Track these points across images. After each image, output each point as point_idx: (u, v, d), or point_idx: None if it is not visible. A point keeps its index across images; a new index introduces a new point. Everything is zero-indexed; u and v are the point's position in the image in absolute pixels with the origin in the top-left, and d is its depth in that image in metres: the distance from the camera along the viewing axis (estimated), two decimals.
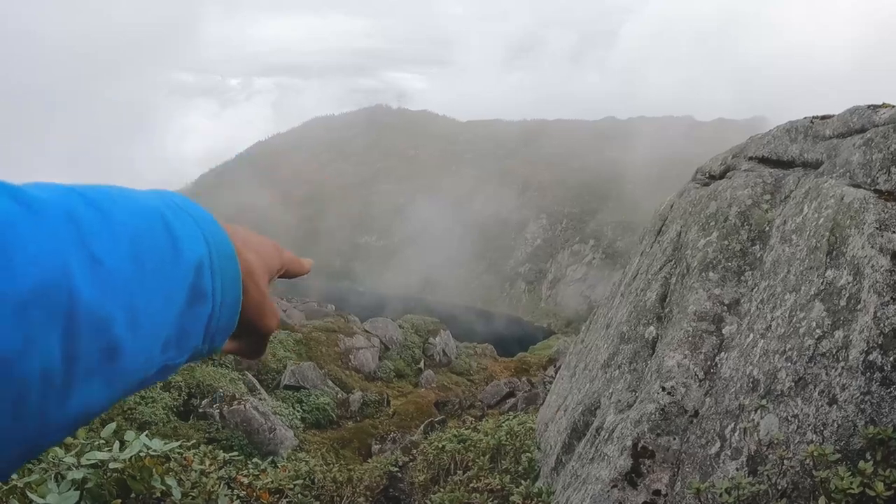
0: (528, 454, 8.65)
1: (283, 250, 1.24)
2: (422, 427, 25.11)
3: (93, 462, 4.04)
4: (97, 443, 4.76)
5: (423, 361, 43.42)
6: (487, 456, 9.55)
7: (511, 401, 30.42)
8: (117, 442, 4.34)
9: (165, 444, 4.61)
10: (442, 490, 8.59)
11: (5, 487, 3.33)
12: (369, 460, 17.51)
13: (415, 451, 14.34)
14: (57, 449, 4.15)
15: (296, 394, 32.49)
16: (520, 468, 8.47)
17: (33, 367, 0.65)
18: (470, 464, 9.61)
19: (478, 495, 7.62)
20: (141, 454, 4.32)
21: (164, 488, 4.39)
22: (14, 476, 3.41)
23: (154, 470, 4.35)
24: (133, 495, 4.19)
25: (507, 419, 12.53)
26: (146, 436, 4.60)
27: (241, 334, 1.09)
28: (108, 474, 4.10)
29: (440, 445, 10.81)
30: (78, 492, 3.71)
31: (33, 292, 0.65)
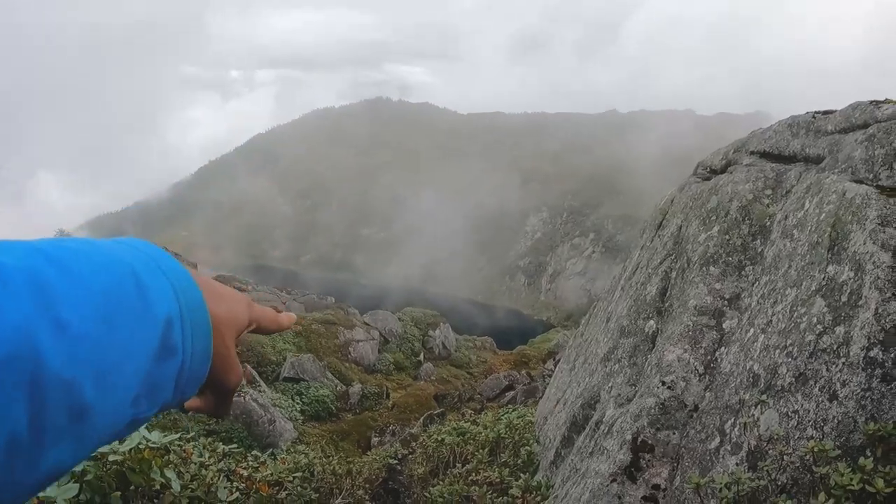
0: (527, 447, 8.66)
1: (254, 305, 1.23)
2: (421, 420, 25.11)
3: (92, 454, 4.03)
4: None
5: (422, 354, 43.44)
6: (486, 449, 9.55)
7: (510, 394, 30.40)
8: None
9: (165, 436, 4.61)
10: (441, 483, 8.59)
11: None
12: (368, 453, 17.52)
13: (414, 443, 14.35)
14: None
15: (295, 386, 32.49)
16: (519, 461, 8.47)
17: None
18: (469, 457, 9.62)
19: (477, 488, 7.62)
20: (140, 446, 4.32)
21: (163, 481, 4.39)
22: None
23: (153, 462, 4.35)
24: (132, 488, 4.19)
25: (507, 412, 12.54)
26: (146, 428, 4.59)
27: (205, 389, 1.10)
28: (108, 466, 4.10)
29: (439, 438, 10.81)
30: (77, 484, 3.71)
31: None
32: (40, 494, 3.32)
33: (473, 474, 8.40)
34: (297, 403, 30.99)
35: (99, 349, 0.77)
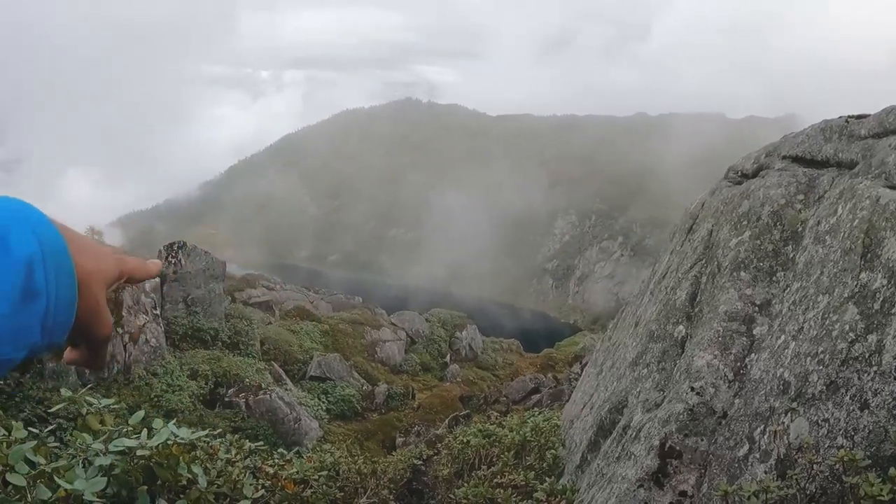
0: (552, 451, 8.64)
1: (125, 258, 1.25)
2: (447, 421, 25.15)
3: (120, 449, 4.06)
4: (125, 430, 4.79)
5: (448, 355, 43.50)
6: (512, 452, 9.54)
7: (536, 397, 30.40)
8: (145, 430, 4.36)
9: (192, 432, 4.63)
10: (466, 484, 8.58)
11: (33, 472, 3.35)
12: (393, 453, 17.53)
13: (439, 444, 14.34)
14: (85, 435, 4.19)
15: (321, 385, 32.62)
16: (544, 465, 8.46)
17: None
18: (494, 459, 9.60)
19: (502, 491, 7.61)
20: (168, 442, 4.34)
21: (190, 476, 4.42)
22: (42, 461, 3.44)
23: (181, 458, 4.38)
24: (159, 482, 4.22)
25: (533, 415, 12.50)
26: (174, 424, 4.62)
27: (78, 341, 1.13)
28: (136, 461, 4.13)
29: (465, 440, 10.80)
30: (105, 478, 3.74)
31: None
32: (68, 487, 3.34)
33: (499, 477, 8.39)
34: (323, 402, 31.12)
35: None
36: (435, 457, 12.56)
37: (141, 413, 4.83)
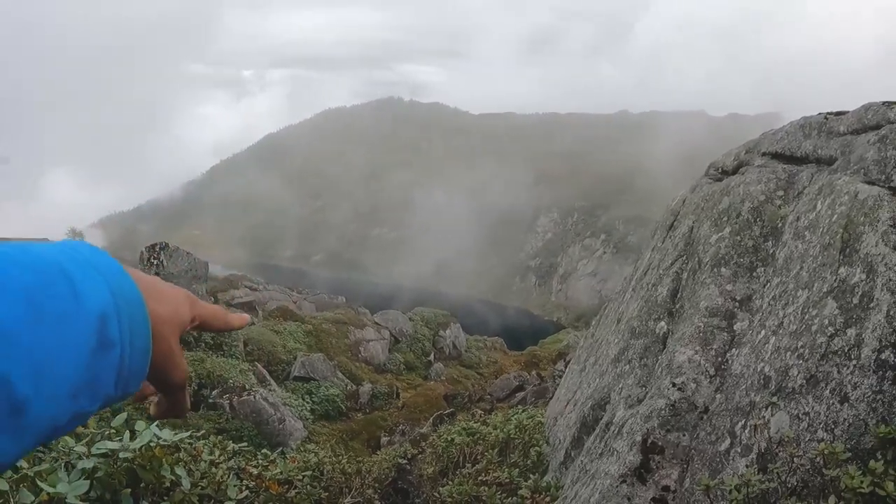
0: (536, 448, 8.66)
1: (199, 302, 1.21)
2: (431, 419, 25.13)
3: (103, 451, 4.04)
4: (108, 432, 4.78)
5: (433, 354, 43.46)
6: (496, 449, 9.55)
7: (520, 394, 30.40)
8: (128, 432, 4.35)
9: (175, 434, 4.62)
10: (451, 483, 8.59)
11: (16, 476, 3.34)
12: (378, 452, 17.53)
13: (424, 443, 14.34)
14: (67, 438, 4.17)
15: (305, 385, 32.54)
16: (528, 462, 8.47)
17: None
18: (479, 457, 9.61)
19: (486, 488, 7.62)
20: (151, 444, 4.33)
21: (173, 478, 4.40)
22: (24, 464, 3.43)
23: (164, 460, 4.37)
24: (143, 485, 4.21)
25: (516, 413, 12.51)
26: (156, 426, 4.61)
27: (158, 387, 1.13)
28: (119, 464, 4.12)
29: (449, 438, 10.81)
30: (88, 481, 3.73)
31: None
32: (50, 491, 3.33)
33: (483, 474, 8.39)
34: (308, 403, 31.03)
35: (30, 345, 0.78)
36: (419, 455, 12.56)
37: (123, 415, 4.81)
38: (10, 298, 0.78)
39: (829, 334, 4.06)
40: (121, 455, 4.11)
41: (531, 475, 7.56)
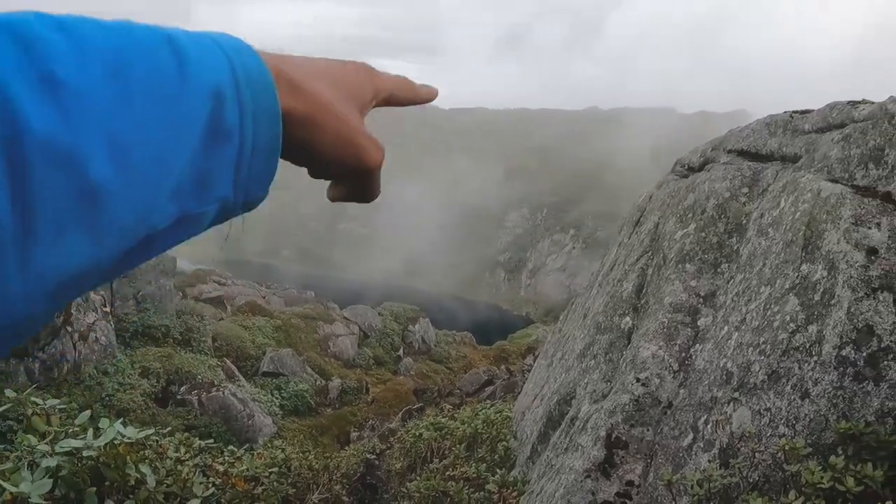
0: (504, 443, 8.68)
1: (378, 72, 1.02)
2: (400, 414, 25.13)
3: (67, 450, 4.02)
4: (71, 430, 4.75)
5: (402, 349, 43.44)
6: (464, 444, 9.57)
7: (489, 389, 30.44)
8: (90, 429, 4.32)
9: (140, 431, 4.60)
10: (418, 478, 8.60)
11: None
12: (347, 448, 17.52)
13: (392, 438, 14.36)
14: (30, 436, 4.14)
15: (274, 381, 32.42)
16: (496, 457, 8.49)
17: None
18: (446, 452, 9.63)
19: (454, 483, 7.63)
20: (115, 442, 4.31)
21: (138, 476, 4.38)
22: None
23: (128, 458, 4.34)
24: (107, 483, 4.18)
25: (484, 408, 12.56)
26: (121, 423, 4.58)
27: (342, 176, 0.96)
28: (83, 462, 4.09)
29: (417, 433, 10.83)
30: (52, 480, 3.70)
31: None
32: (14, 490, 3.31)
33: (451, 469, 8.42)
34: (277, 398, 30.94)
35: (112, 115, 0.60)
36: (388, 451, 12.58)
37: (87, 413, 4.79)
38: (89, 60, 0.60)
39: (790, 331, 4.10)
40: (84, 453, 4.09)
41: (498, 470, 7.59)
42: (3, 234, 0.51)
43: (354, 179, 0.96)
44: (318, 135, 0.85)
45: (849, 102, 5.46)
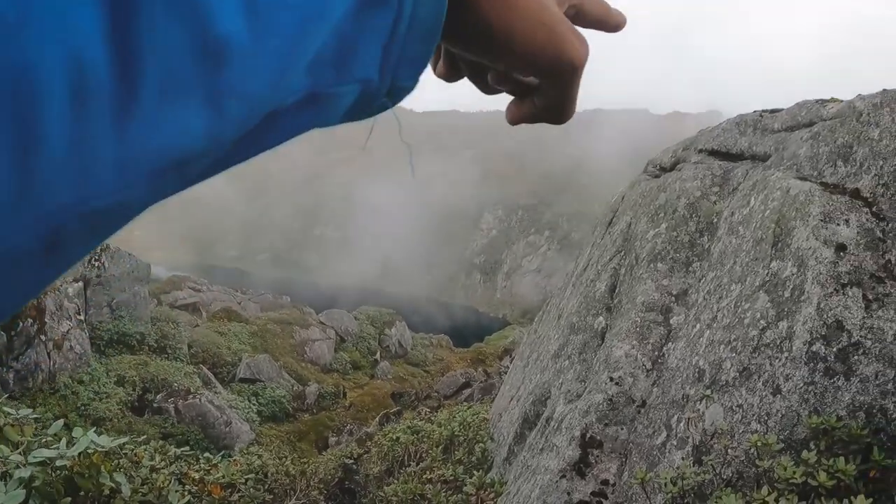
0: (481, 445, 8.69)
1: None
2: (378, 418, 25.12)
3: (40, 460, 3.99)
4: (44, 440, 4.72)
5: (378, 353, 43.39)
6: (441, 447, 9.57)
7: (467, 391, 30.49)
8: (63, 439, 4.29)
9: (114, 440, 4.57)
10: (396, 482, 8.59)
11: None
12: (324, 452, 17.47)
13: (370, 442, 14.35)
14: (3, 447, 4.11)
15: (251, 387, 32.30)
16: (473, 459, 8.50)
17: (45, 56, 0.36)
18: (424, 455, 9.63)
19: (431, 486, 7.63)
20: (89, 451, 4.28)
21: (113, 485, 4.36)
22: None
23: (103, 467, 4.32)
24: (82, 493, 4.16)
25: (461, 410, 12.56)
26: (95, 432, 4.55)
27: (535, 76, 0.76)
28: (56, 472, 4.06)
29: (394, 437, 10.83)
30: (25, 490, 3.68)
31: None
32: None
33: (428, 472, 8.41)
34: (254, 404, 30.81)
35: None
36: (366, 455, 12.56)
37: (60, 422, 4.76)
38: None
39: (761, 327, 4.13)
40: (58, 463, 4.06)
41: (476, 472, 7.59)
42: (99, 87, 0.39)
43: (550, 84, 0.75)
44: (505, 10, 0.66)
45: (817, 101, 5.51)
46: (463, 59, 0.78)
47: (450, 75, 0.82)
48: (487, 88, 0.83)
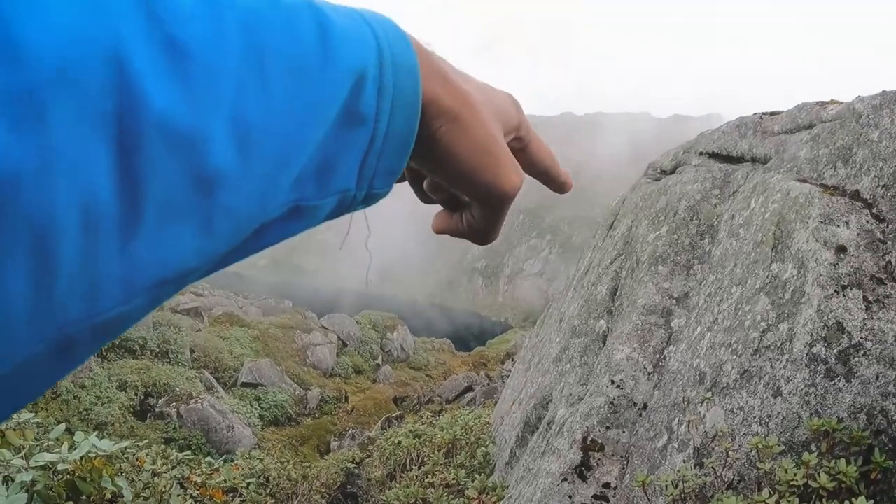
0: (483, 448, 8.69)
1: (524, 113, 0.87)
2: (380, 423, 25.10)
3: (41, 464, 3.99)
4: (46, 444, 4.72)
5: (380, 357, 43.35)
6: (443, 451, 9.58)
7: (469, 395, 30.47)
8: (65, 443, 4.30)
9: (115, 444, 4.57)
10: (398, 486, 8.60)
11: None
12: (326, 457, 17.47)
13: (372, 447, 14.34)
14: (5, 451, 4.11)
15: (253, 391, 32.27)
16: (475, 462, 8.50)
17: (61, 197, 0.40)
18: (426, 459, 9.64)
19: (433, 490, 7.64)
20: (91, 455, 4.28)
21: (115, 489, 4.36)
22: None
23: (104, 471, 4.32)
24: (83, 497, 4.16)
25: (463, 414, 12.57)
26: (96, 436, 4.56)
27: (468, 197, 0.81)
28: (58, 476, 4.07)
29: (396, 441, 10.82)
30: (26, 494, 3.68)
31: (52, 77, 0.39)
32: None
33: (430, 476, 8.42)
34: (256, 409, 30.79)
35: (243, 93, 0.52)
36: (367, 459, 12.57)
37: (62, 426, 4.76)
38: (220, 27, 0.51)
39: (761, 329, 4.13)
40: (59, 467, 4.06)
41: (477, 475, 7.60)
42: (107, 219, 0.44)
43: (479, 206, 0.81)
44: (456, 133, 0.72)
45: (817, 103, 5.51)
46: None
47: None
48: (424, 196, 0.91)
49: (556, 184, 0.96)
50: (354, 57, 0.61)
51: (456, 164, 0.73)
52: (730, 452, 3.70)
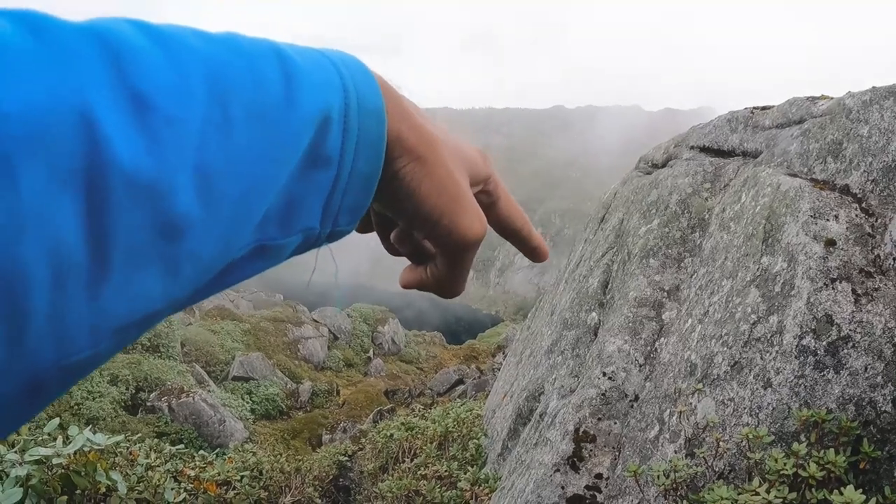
0: (475, 441, 8.72)
1: (494, 170, 0.88)
2: (371, 416, 25.13)
3: (36, 458, 4.00)
4: (40, 438, 4.73)
5: (372, 350, 43.41)
6: (435, 443, 9.60)
7: (461, 388, 30.53)
8: (60, 437, 4.31)
9: (109, 438, 4.59)
10: (390, 478, 8.62)
11: None
12: (318, 450, 17.49)
13: (364, 439, 14.37)
14: None
15: (245, 385, 32.29)
16: (467, 455, 8.53)
17: (31, 252, 0.42)
18: (418, 451, 9.66)
19: (425, 482, 7.66)
20: (85, 449, 4.30)
21: (109, 483, 4.38)
22: None
23: (99, 465, 4.34)
24: (78, 491, 4.18)
25: (454, 406, 12.60)
26: (90, 430, 4.57)
27: (433, 241, 0.79)
28: (53, 470, 4.08)
29: (388, 434, 10.85)
30: (22, 489, 3.70)
31: (22, 139, 0.41)
32: None
33: (422, 468, 8.44)
34: (248, 402, 30.80)
35: (207, 143, 0.53)
36: (360, 452, 12.60)
37: (56, 421, 4.77)
38: (182, 77, 0.52)
39: (752, 322, 4.17)
40: (54, 461, 4.07)
41: (470, 468, 7.63)
42: (76, 270, 0.45)
43: (442, 253, 0.81)
44: (420, 174, 0.73)
45: (808, 98, 5.54)
46: (372, 209, 0.85)
47: (360, 225, 0.88)
48: (390, 247, 0.92)
49: (528, 248, 0.95)
50: (319, 100, 0.62)
51: (418, 204, 0.74)
52: (720, 443, 3.74)
